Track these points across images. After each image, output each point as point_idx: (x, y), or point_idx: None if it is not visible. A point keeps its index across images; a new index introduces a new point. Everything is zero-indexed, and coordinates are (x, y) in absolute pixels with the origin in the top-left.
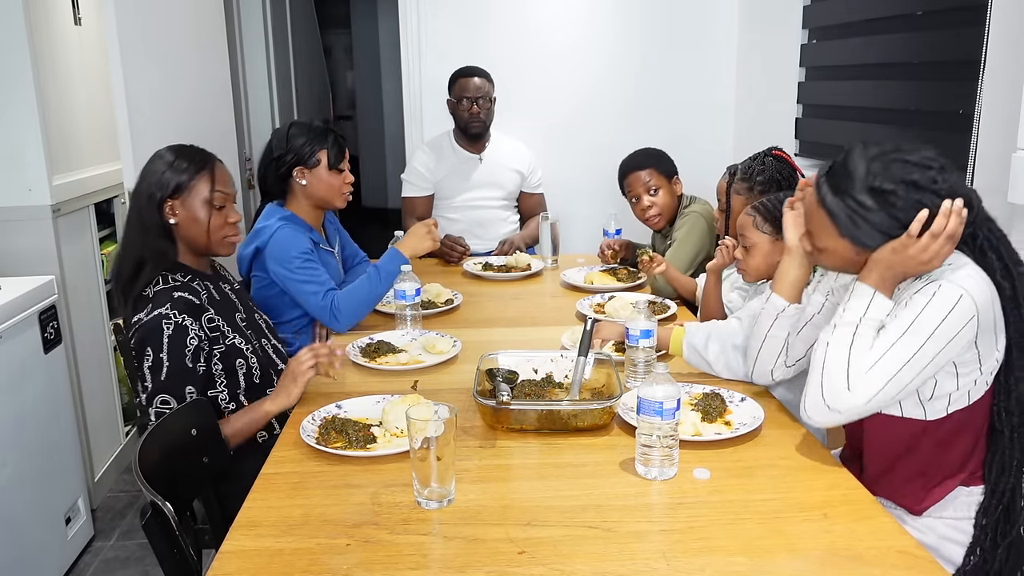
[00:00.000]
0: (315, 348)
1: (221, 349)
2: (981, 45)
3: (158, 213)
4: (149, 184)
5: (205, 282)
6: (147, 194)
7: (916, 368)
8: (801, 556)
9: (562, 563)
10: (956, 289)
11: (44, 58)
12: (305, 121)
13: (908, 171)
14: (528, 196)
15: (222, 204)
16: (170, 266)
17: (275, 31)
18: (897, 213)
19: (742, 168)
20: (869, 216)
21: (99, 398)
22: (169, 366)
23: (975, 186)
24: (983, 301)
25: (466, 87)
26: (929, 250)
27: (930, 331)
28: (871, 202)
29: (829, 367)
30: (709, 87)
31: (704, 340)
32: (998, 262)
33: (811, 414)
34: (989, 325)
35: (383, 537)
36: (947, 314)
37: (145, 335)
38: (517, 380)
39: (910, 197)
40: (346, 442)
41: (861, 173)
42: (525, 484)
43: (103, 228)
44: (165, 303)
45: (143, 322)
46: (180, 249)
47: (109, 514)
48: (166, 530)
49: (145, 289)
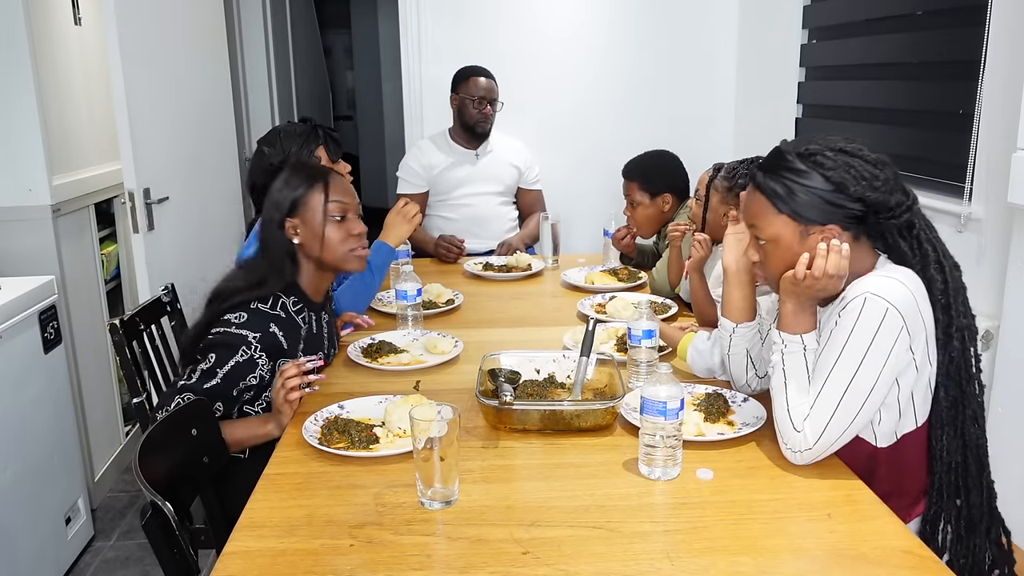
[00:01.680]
0: (284, 372)
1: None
2: (981, 45)
3: (281, 233)
4: (269, 205)
5: (311, 313)
6: (267, 216)
7: (860, 393)
8: (805, 556)
9: (566, 563)
10: (881, 303)
11: (44, 58)
12: (289, 124)
13: (835, 141)
14: (526, 192)
15: (343, 215)
16: (286, 287)
17: (275, 31)
18: (827, 172)
19: (728, 167)
20: (802, 180)
21: (99, 398)
22: (217, 384)
23: (975, 186)
24: (907, 307)
25: (477, 87)
26: (818, 285)
27: (862, 353)
28: (802, 165)
29: (777, 414)
30: (709, 87)
31: (709, 347)
32: (933, 254)
33: (788, 459)
34: (919, 328)
35: (386, 538)
36: (876, 332)
37: (220, 343)
38: (519, 380)
39: (839, 158)
40: (349, 442)
41: (790, 148)
42: (528, 484)
43: (103, 228)
44: (257, 331)
45: (229, 331)
46: (305, 271)
47: (109, 514)
48: (166, 530)
49: (252, 301)
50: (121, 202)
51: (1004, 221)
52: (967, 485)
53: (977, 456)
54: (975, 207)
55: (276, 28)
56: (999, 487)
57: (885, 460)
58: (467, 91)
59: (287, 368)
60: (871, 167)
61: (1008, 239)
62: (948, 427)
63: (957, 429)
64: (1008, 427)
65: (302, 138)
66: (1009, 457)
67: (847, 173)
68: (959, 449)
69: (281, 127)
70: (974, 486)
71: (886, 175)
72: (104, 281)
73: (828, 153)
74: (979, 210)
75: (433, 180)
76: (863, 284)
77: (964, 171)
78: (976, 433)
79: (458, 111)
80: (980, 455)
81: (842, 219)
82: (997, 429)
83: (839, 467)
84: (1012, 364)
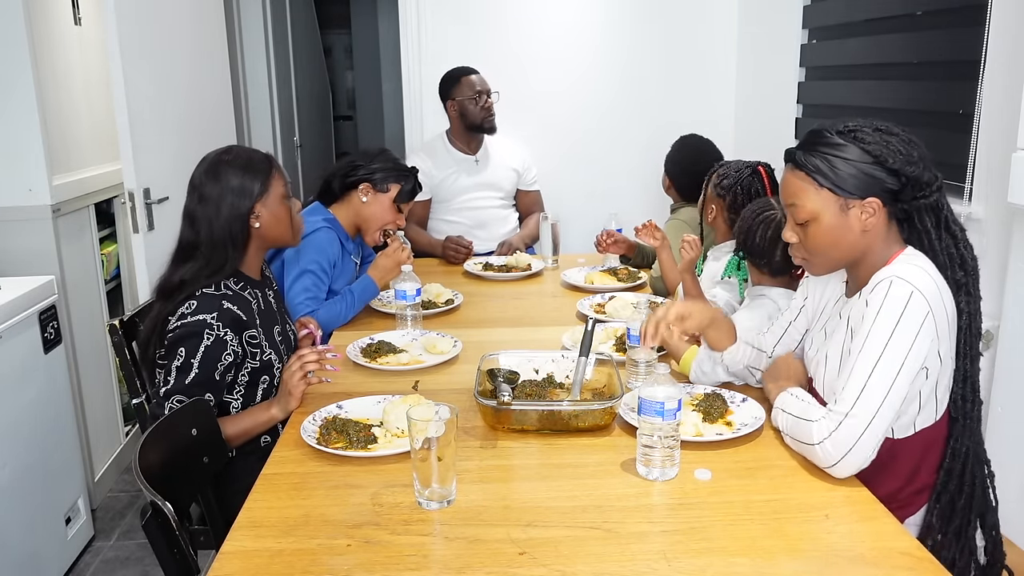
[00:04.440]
0: (303, 356)
1: (255, 364)
2: (981, 45)
3: (244, 222)
4: (230, 195)
5: (255, 290)
6: (231, 204)
7: (887, 377)
8: (803, 557)
9: (563, 564)
10: (906, 287)
11: (44, 58)
12: (395, 156)
13: (870, 122)
14: (525, 194)
15: (291, 194)
16: (232, 273)
17: (275, 31)
18: (866, 146)
19: (723, 167)
20: (841, 153)
21: (99, 398)
22: (197, 375)
23: (975, 186)
24: (932, 294)
25: (473, 85)
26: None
27: (887, 335)
28: (840, 140)
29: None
30: (709, 87)
31: (712, 366)
32: (961, 234)
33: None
34: (943, 316)
35: (384, 538)
36: (901, 314)
37: (184, 336)
38: (518, 380)
39: (876, 135)
40: (347, 442)
41: (828, 126)
42: (526, 485)
43: (103, 228)
44: (212, 311)
45: (186, 322)
46: (248, 253)
47: (109, 514)
48: (166, 530)
49: (198, 289)
50: (121, 202)
51: (1004, 221)
52: (972, 482)
53: (976, 454)
54: (975, 207)
55: (276, 28)
56: (999, 487)
57: (900, 452)
58: (464, 92)
59: (306, 352)
60: (906, 145)
61: (1008, 239)
62: (962, 422)
63: (969, 424)
64: (1008, 427)
65: (392, 164)
66: (1009, 457)
67: (886, 148)
68: (970, 446)
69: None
70: (979, 484)
71: (920, 153)
72: (104, 281)
73: (866, 129)
74: (979, 210)
75: (435, 187)
76: (889, 269)
77: (964, 171)
78: (978, 430)
79: (460, 115)
80: (979, 452)
81: (880, 192)
82: (997, 429)
83: None
84: (1012, 364)
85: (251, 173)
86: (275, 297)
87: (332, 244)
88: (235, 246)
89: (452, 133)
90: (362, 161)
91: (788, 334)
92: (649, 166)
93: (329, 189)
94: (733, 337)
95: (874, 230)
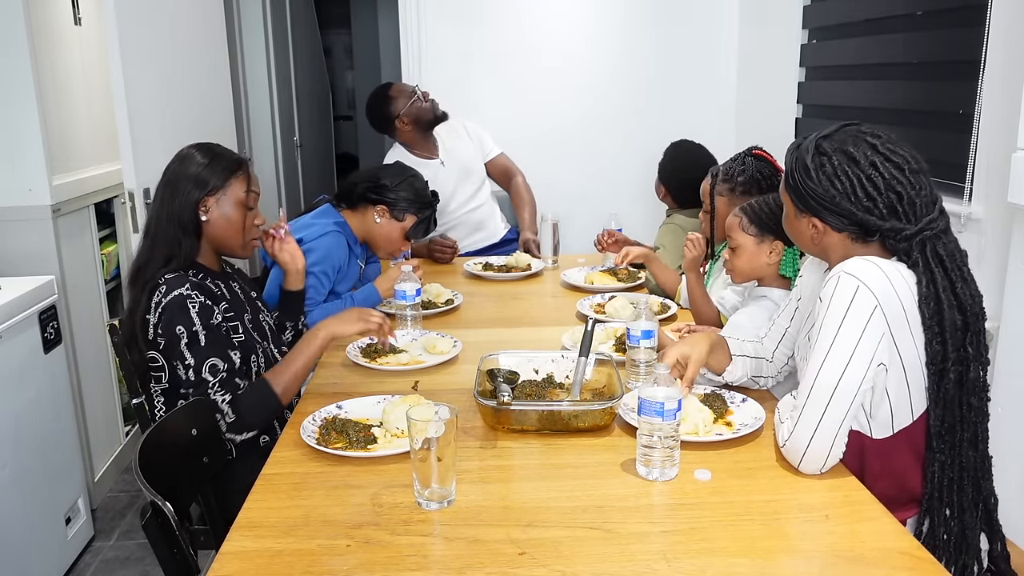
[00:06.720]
0: (375, 318)
1: (240, 339)
2: (981, 45)
3: (193, 211)
4: (186, 182)
5: (217, 280)
6: (184, 191)
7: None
8: (803, 557)
9: (563, 564)
10: (852, 281)
11: (44, 58)
12: (424, 186)
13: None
14: (492, 164)
15: (253, 206)
16: (190, 265)
17: (275, 31)
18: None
19: (723, 169)
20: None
21: (99, 398)
22: (206, 333)
23: (975, 186)
24: (881, 289)
25: (403, 89)
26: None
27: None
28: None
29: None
30: (709, 87)
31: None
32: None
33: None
34: (898, 312)
35: (383, 538)
36: (847, 309)
37: (173, 314)
38: (518, 381)
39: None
40: (346, 442)
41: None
42: (526, 485)
43: (103, 228)
44: (183, 285)
45: (165, 303)
46: (203, 248)
47: (109, 514)
48: (166, 530)
49: (159, 276)
50: (121, 202)
51: (1004, 221)
52: (961, 504)
53: (975, 478)
54: (975, 207)
55: (276, 28)
56: (999, 488)
57: (886, 454)
58: (403, 101)
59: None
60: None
61: (1008, 239)
62: (941, 449)
63: (953, 451)
64: (1008, 427)
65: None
66: (1009, 457)
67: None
68: (955, 469)
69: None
70: (968, 506)
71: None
72: (104, 281)
73: (835, 159)
74: (979, 210)
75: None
76: (840, 266)
77: (964, 171)
78: (974, 456)
79: (414, 122)
80: (978, 477)
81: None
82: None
83: (837, 467)
84: (1012, 364)
85: (213, 167)
86: (242, 289)
87: (340, 248)
88: (184, 232)
89: (410, 146)
90: (389, 181)
91: (787, 336)
92: (649, 166)
93: (349, 193)
94: (730, 354)
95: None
